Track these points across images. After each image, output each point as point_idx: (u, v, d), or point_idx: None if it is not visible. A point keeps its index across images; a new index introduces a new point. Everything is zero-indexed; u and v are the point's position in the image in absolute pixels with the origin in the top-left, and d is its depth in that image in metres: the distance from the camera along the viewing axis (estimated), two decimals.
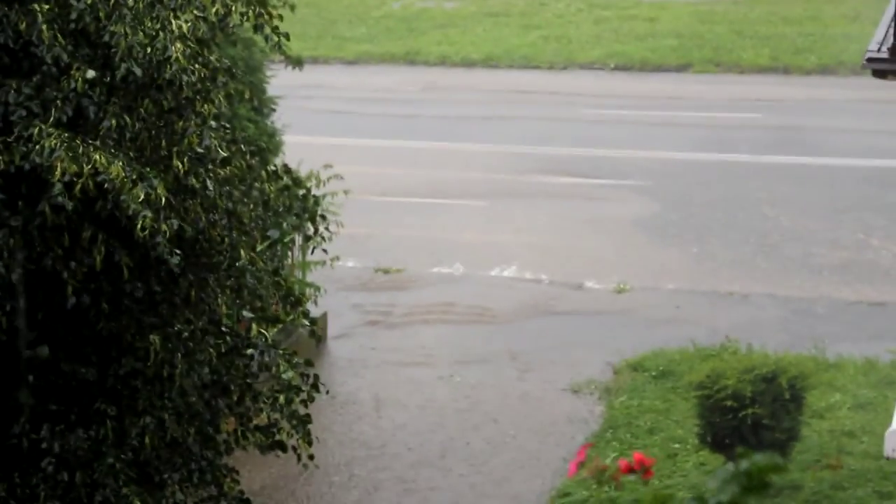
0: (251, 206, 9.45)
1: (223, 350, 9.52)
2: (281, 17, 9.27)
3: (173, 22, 8.46)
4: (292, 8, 9.54)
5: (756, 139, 23.66)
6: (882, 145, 22.86)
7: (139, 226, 7.98)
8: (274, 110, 15.82)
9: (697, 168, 22.25)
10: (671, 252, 18.91)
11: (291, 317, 11.15)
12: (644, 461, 2.64)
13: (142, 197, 7.97)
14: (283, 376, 9.69)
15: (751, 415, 12.11)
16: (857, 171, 21.83)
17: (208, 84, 8.77)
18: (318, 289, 15.33)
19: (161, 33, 8.39)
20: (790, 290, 17.50)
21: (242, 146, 9.59)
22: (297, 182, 10.15)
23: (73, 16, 8.48)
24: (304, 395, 9.76)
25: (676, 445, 13.46)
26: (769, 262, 18.48)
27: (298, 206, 10.00)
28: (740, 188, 21.26)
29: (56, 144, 7.97)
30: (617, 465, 2.68)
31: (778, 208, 20.34)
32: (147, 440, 8.90)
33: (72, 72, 8.34)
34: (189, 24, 8.52)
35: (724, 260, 18.60)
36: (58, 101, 8.31)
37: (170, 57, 8.33)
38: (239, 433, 9.64)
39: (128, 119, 8.46)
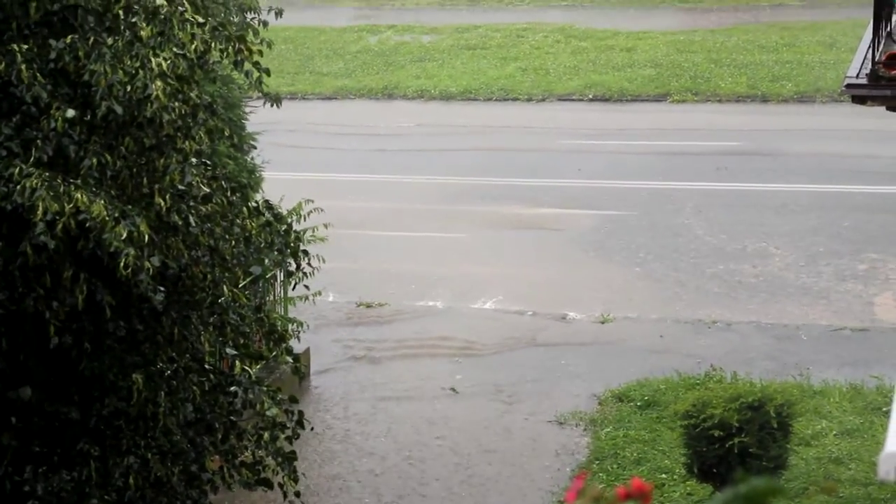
0: (233, 242, 9.42)
1: (207, 388, 9.47)
2: (261, 53, 9.26)
3: (153, 60, 8.44)
4: (270, 45, 9.52)
5: (734, 167, 23.73)
6: (865, 169, 22.96)
7: (122, 264, 7.94)
8: (254, 147, 15.80)
9: (682, 196, 22.29)
10: (654, 284, 18.92)
11: (274, 353, 11.11)
12: (642, 487, 2.61)
13: (124, 235, 7.94)
14: (268, 413, 9.65)
15: (738, 444, 12.08)
16: (849, 197, 21.92)
17: (189, 121, 8.76)
18: (300, 324, 15.27)
19: (141, 71, 8.37)
20: (777, 318, 17.52)
21: (223, 183, 9.57)
22: (279, 218, 10.13)
23: (52, 55, 8.46)
24: (288, 432, 9.71)
25: (663, 476, 13.41)
26: (744, 290, 18.50)
27: (280, 241, 9.97)
28: (721, 215, 21.30)
29: (37, 184, 7.93)
30: (615, 492, 2.64)
31: (766, 237, 20.39)
32: (131, 480, 8.83)
33: (52, 111, 8.31)
34: (168, 61, 8.51)
35: (693, 287, 18.62)
36: (38, 141, 8.28)
37: (150, 95, 8.31)
38: (224, 471, 9.57)
39: (109, 157, 8.44)
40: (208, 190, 9.04)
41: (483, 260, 19.94)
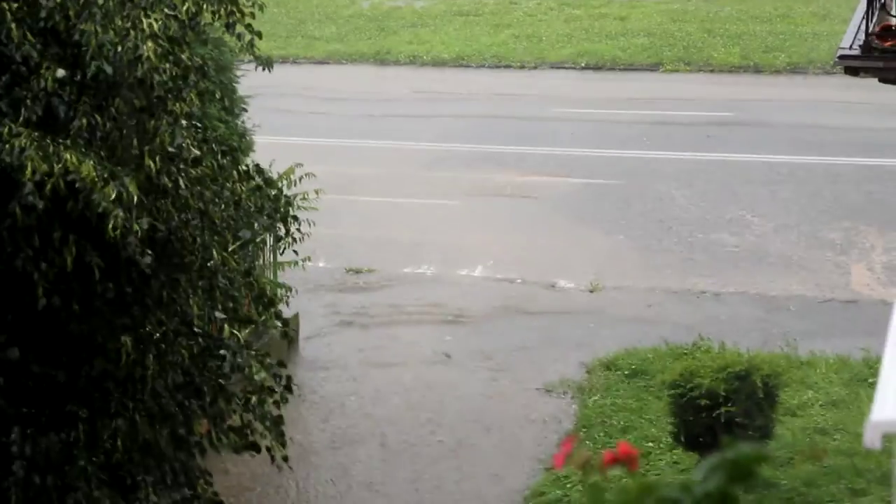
0: (223, 206, 9.39)
1: (195, 351, 9.46)
2: (253, 16, 9.20)
3: (144, 20, 8.38)
4: (261, 7, 9.45)
5: (724, 137, 23.72)
6: (855, 141, 22.96)
7: (110, 225, 7.91)
8: (245, 110, 15.73)
9: (671, 166, 22.28)
10: (641, 253, 18.93)
11: (263, 318, 11.09)
12: (630, 452, 2.61)
13: (113, 196, 7.90)
14: (256, 377, 9.64)
15: (724, 413, 12.12)
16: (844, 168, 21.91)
17: (180, 83, 8.71)
18: (289, 289, 15.25)
19: (132, 32, 8.31)
20: (764, 288, 17.56)
21: (214, 146, 9.54)
22: (269, 182, 10.10)
23: (43, 14, 8.39)
24: (276, 397, 9.71)
25: (650, 444, 13.46)
26: (729, 260, 18.53)
27: (270, 206, 9.94)
28: (714, 185, 21.29)
29: (26, 144, 7.89)
30: (603, 456, 2.65)
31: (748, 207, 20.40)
32: (119, 442, 8.83)
33: (41, 71, 8.26)
34: (160, 22, 8.45)
35: (680, 256, 18.64)
36: (27, 101, 8.23)
37: (141, 56, 8.25)
38: (212, 434, 9.57)
39: (98, 118, 8.39)
40: (198, 153, 9.00)
41: (472, 227, 19.93)
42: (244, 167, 9.97)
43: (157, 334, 9.16)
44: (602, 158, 22.81)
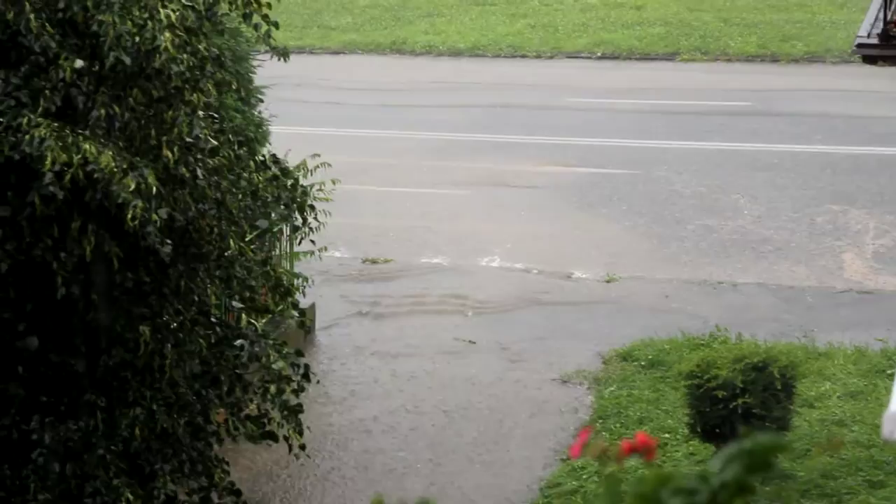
0: (240, 195, 9.42)
1: (213, 340, 9.50)
2: (269, 6, 9.22)
3: (161, 11, 8.41)
4: None
5: (741, 126, 23.66)
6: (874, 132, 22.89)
7: (129, 215, 7.94)
8: (261, 100, 15.75)
9: (687, 156, 22.24)
10: (657, 243, 18.91)
11: (280, 307, 11.12)
12: (647, 442, 2.61)
13: (132, 186, 7.94)
14: (273, 366, 9.68)
15: (741, 404, 12.10)
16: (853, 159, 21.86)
17: (197, 73, 8.74)
18: (306, 279, 15.28)
19: (149, 22, 8.34)
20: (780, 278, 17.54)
21: (231, 136, 9.57)
22: (286, 172, 10.12)
23: (61, 5, 8.42)
24: (294, 385, 9.74)
25: (666, 435, 13.45)
26: (744, 250, 18.50)
27: (286, 196, 9.96)
28: (730, 175, 21.25)
29: (46, 134, 7.93)
30: (619, 446, 2.65)
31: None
32: (137, 431, 8.87)
33: (60, 61, 8.29)
34: (177, 13, 8.48)
35: (694, 246, 18.61)
36: (46, 91, 8.27)
37: (158, 46, 8.28)
38: (230, 424, 9.62)
39: (116, 108, 8.42)
40: (216, 143, 9.04)
41: (487, 217, 19.93)
42: (261, 157, 9.99)
43: (175, 324, 9.20)
44: (617, 148, 22.79)
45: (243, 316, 9.67)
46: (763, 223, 19.41)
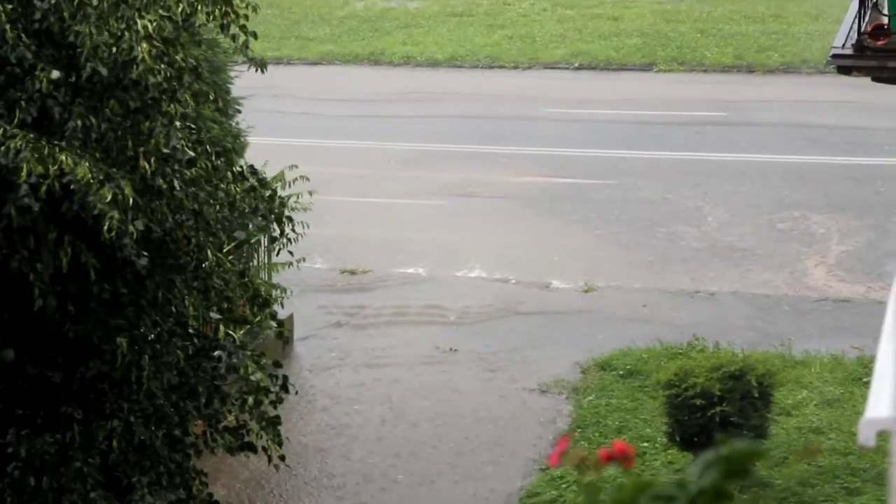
0: (217, 207, 9.40)
1: (191, 352, 9.47)
2: (247, 17, 9.22)
3: (138, 21, 8.40)
4: (255, 9, 9.47)
5: (718, 137, 23.75)
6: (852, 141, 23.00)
7: (106, 227, 7.92)
8: (239, 111, 15.74)
9: (663, 166, 22.31)
10: (633, 253, 18.96)
11: (258, 318, 11.11)
12: (625, 450, 2.62)
13: (109, 197, 7.91)
14: (252, 378, 9.66)
15: (719, 413, 12.13)
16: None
17: (174, 84, 8.72)
18: (284, 290, 15.26)
19: (126, 33, 8.33)
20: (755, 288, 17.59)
21: (208, 147, 9.55)
22: (263, 183, 10.11)
23: (37, 16, 8.40)
24: (272, 397, 9.72)
25: (645, 444, 13.47)
26: (718, 259, 18.56)
27: (264, 207, 9.95)
28: (707, 185, 21.32)
29: (21, 145, 7.90)
30: (597, 455, 2.66)
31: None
32: (115, 444, 8.84)
33: (36, 72, 8.27)
34: (154, 23, 8.46)
35: (671, 256, 18.67)
36: (22, 102, 8.24)
37: (136, 57, 8.27)
38: (208, 435, 9.58)
39: (93, 119, 8.40)
40: (193, 154, 9.02)
41: (465, 227, 19.95)
42: (238, 168, 9.98)
43: (153, 335, 9.17)
44: (594, 158, 22.84)
45: (221, 327, 9.65)
46: (730, 231, 19.46)
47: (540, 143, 23.67)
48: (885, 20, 11.66)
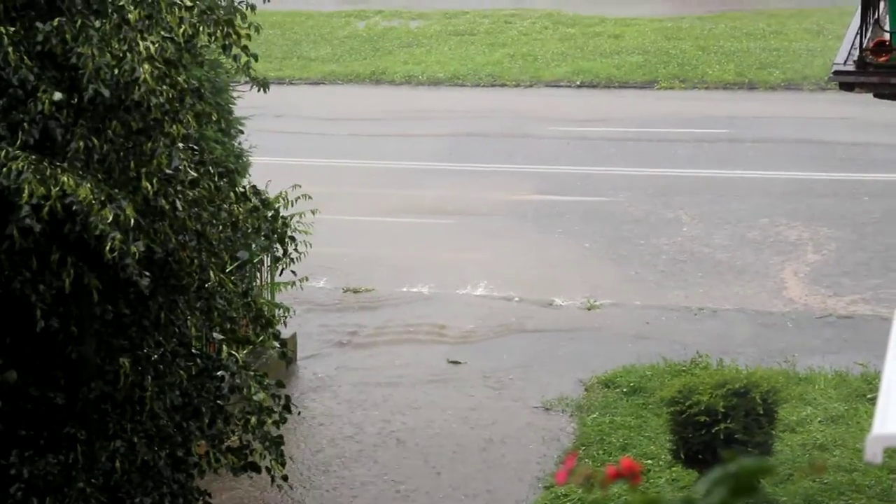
0: (220, 227, 9.41)
1: (194, 372, 9.47)
2: (249, 38, 9.24)
3: (140, 43, 8.41)
4: (258, 29, 9.49)
5: (719, 153, 23.76)
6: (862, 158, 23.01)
7: (108, 247, 7.92)
8: (241, 132, 15.76)
9: (664, 183, 22.31)
10: (636, 271, 18.94)
11: (261, 338, 11.10)
12: (632, 467, 2.61)
13: (110, 218, 7.92)
14: (255, 398, 9.65)
15: (723, 430, 12.11)
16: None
17: (176, 105, 8.74)
18: (287, 310, 15.26)
19: (128, 54, 8.34)
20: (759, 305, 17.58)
21: (210, 167, 9.56)
22: (266, 203, 10.12)
23: (40, 38, 8.42)
24: (275, 417, 9.71)
25: (649, 461, 13.45)
26: (723, 276, 18.55)
27: (267, 227, 9.96)
28: (711, 203, 21.32)
29: (23, 167, 7.91)
30: (604, 472, 2.65)
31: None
32: (118, 464, 8.83)
33: (38, 94, 8.28)
34: (156, 45, 8.48)
35: (674, 274, 18.66)
36: (24, 124, 8.25)
37: (137, 78, 8.28)
38: (211, 456, 9.57)
39: (95, 141, 8.41)
40: (195, 174, 9.03)
41: (466, 245, 19.94)
42: (241, 188, 9.99)
43: (156, 355, 9.17)
44: (597, 176, 22.85)
45: (224, 347, 9.65)
46: (731, 248, 19.45)
47: (541, 160, 23.68)
48: (887, 36, 11.67)
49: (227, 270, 10.10)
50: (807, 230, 20.03)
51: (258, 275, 15.57)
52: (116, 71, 8.28)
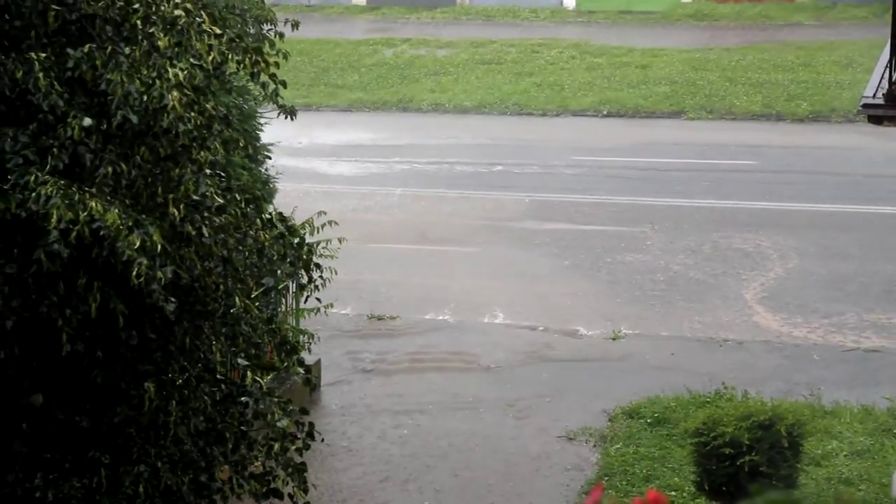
0: (246, 253, 9.44)
1: (218, 398, 9.49)
2: (277, 65, 9.30)
3: (170, 70, 8.48)
4: (286, 56, 9.56)
5: (743, 184, 23.73)
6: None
7: (134, 273, 7.96)
8: (268, 157, 15.83)
9: (693, 214, 22.28)
10: (659, 302, 18.91)
11: (286, 364, 11.12)
12: (659, 499, 2.61)
13: (137, 244, 7.96)
14: (278, 424, 9.66)
15: (748, 462, 12.05)
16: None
17: (204, 132, 8.79)
18: (311, 336, 15.28)
19: (157, 81, 8.41)
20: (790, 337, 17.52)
21: (237, 194, 9.60)
22: (292, 230, 10.15)
23: (70, 64, 8.49)
24: (299, 443, 9.72)
25: (673, 493, 13.39)
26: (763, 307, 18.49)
27: (292, 254, 9.99)
28: (736, 235, 21.26)
29: (52, 192, 7.97)
30: (631, 503, 2.65)
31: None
32: (141, 489, 8.85)
33: (68, 119, 8.34)
34: (185, 72, 8.54)
35: (697, 303, 18.60)
36: (54, 149, 8.31)
37: (166, 105, 8.34)
38: (234, 481, 9.58)
39: (124, 166, 8.47)
40: (222, 201, 9.07)
41: (491, 273, 19.94)
42: (267, 215, 10.03)
43: (180, 381, 9.20)
44: (621, 205, 22.84)
45: (248, 373, 9.67)
46: (760, 280, 19.39)
47: (566, 190, 23.69)
48: None
49: (253, 296, 10.13)
50: (844, 263, 19.96)
51: (283, 301, 15.61)
52: (145, 97, 8.34)
